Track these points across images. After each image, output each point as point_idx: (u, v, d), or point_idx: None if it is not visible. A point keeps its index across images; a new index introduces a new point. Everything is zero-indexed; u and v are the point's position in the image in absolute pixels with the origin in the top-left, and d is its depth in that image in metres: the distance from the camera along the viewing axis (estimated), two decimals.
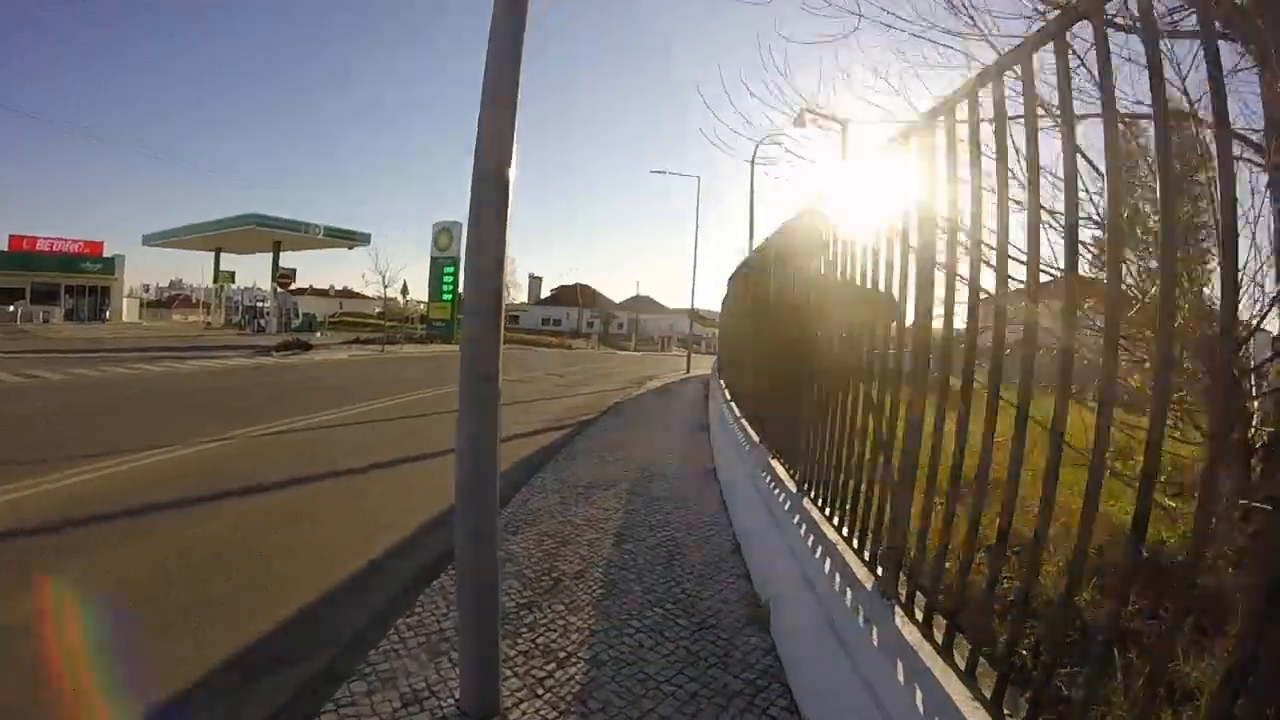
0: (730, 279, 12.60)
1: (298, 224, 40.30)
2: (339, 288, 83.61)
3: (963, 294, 2.30)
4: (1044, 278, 2.37)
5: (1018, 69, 1.98)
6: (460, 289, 44.99)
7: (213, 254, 49.63)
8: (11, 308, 40.37)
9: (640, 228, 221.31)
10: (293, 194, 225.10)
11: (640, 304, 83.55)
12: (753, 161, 31.98)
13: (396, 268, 40.10)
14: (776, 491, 4.79)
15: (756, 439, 6.39)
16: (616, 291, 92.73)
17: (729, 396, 9.66)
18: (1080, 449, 2.30)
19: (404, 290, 36.22)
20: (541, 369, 28.65)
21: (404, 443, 10.07)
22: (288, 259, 45.62)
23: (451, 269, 44.91)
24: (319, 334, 41.85)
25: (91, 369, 17.66)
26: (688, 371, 30.67)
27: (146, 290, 64.43)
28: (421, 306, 51.21)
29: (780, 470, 5.12)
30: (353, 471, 8.27)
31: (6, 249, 43.06)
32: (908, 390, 2.63)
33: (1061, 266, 1.86)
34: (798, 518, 4.06)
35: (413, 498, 7.22)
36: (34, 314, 41.09)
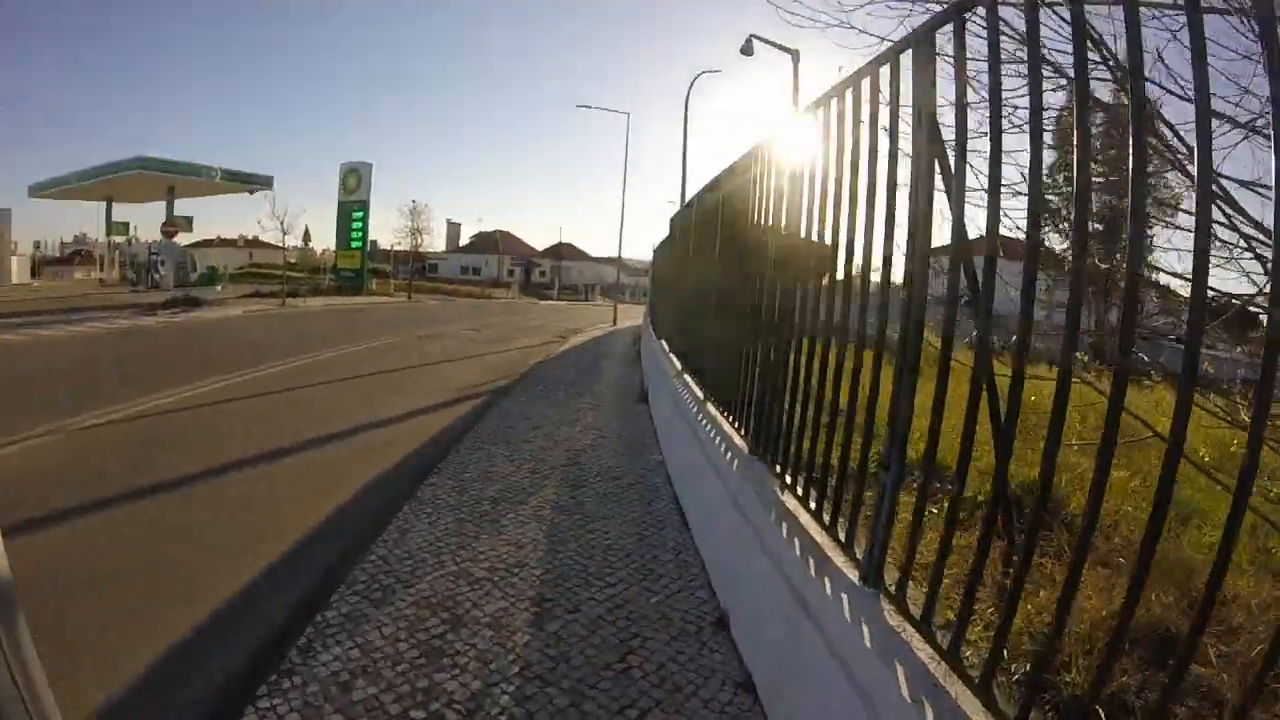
0: (672, 221, 10.52)
1: (191, 166, 35.97)
2: (249, 237, 77.99)
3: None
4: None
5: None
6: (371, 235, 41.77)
7: (104, 205, 44.71)
8: None
9: (565, 172, 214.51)
10: (188, 141, 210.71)
11: (563, 251, 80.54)
12: (687, 98, 29.76)
13: (296, 213, 36.57)
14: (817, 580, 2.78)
15: (741, 443, 4.31)
16: (539, 239, 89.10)
17: (680, 368, 7.57)
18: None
19: (305, 237, 32.91)
20: (456, 322, 26.07)
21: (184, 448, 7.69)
22: (187, 207, 41.33)
23: (360, 213, 41.48)
24: (219, 287, 38.10)
25: None
26: (614, 324, 28.48)
27: (38, 247, 58.05)
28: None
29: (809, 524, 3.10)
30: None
31: None
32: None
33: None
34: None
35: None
36: None
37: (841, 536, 2.80)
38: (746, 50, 19.53)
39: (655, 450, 7.56)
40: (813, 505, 3.11)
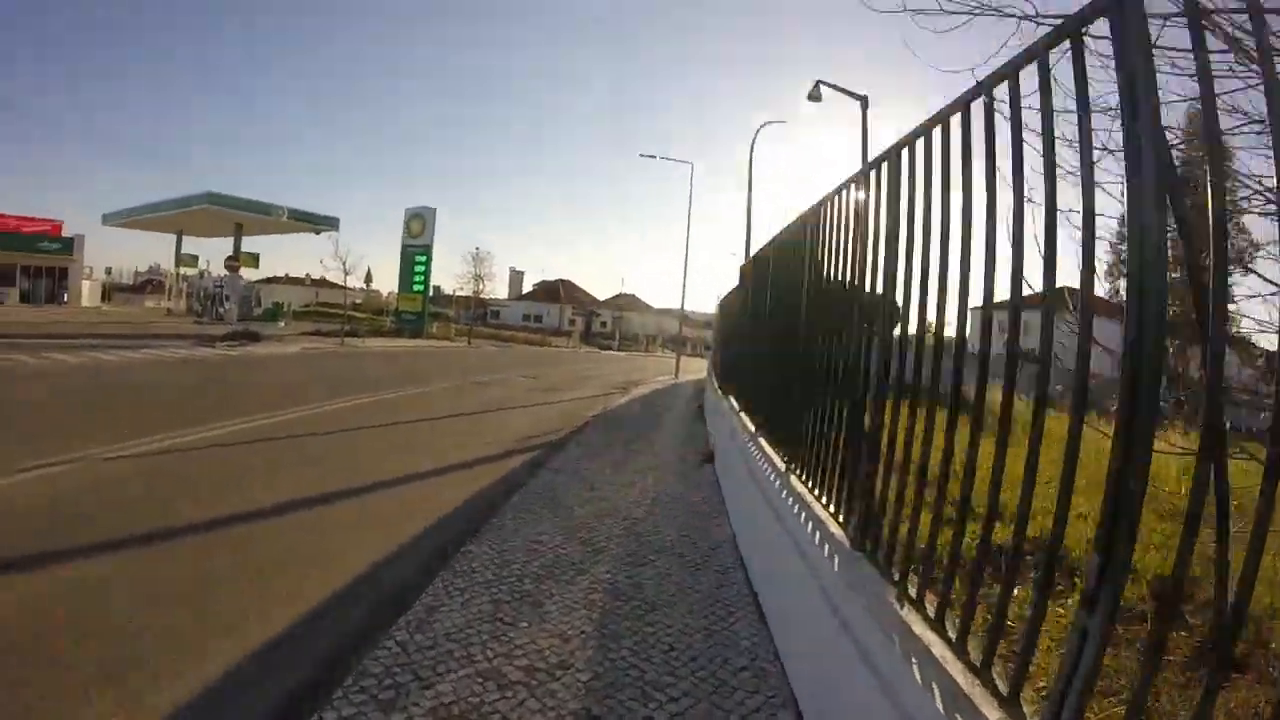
0: (741, 270, 9.85)
1: (259, 205, 37.08)
2: (316, 277, 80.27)
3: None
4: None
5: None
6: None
7: (175, 237, 46.46)
8: None
9: (629, 223, 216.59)
10: (258, 182, 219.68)
11: (625, 302, 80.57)
12: (752, 148, 29.38)
13: (358, 255, 37.06)
14: None
15: (839, 531, 3.48)
16: (601, 289, 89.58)
17: (753, 430, 6.77)
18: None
19: (368, 278, 33.25)
20: (514, 369, 25.71)
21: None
22: (254, 244, 42.70)
23: (423, 257, 42.01)
24: (281, 323, 39.05)
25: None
26: (676, 376, 27.73)
27: (109, 274, 60.53)
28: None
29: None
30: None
31: None
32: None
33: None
34: None
35: None
36: None
37: (1002, 688, 2.01)
38: (814, 96, 18.95)
39: (724, 522, 6.72)
40: (952, 634, 2.31)
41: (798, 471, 4.54)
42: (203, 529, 5.51)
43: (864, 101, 18.16)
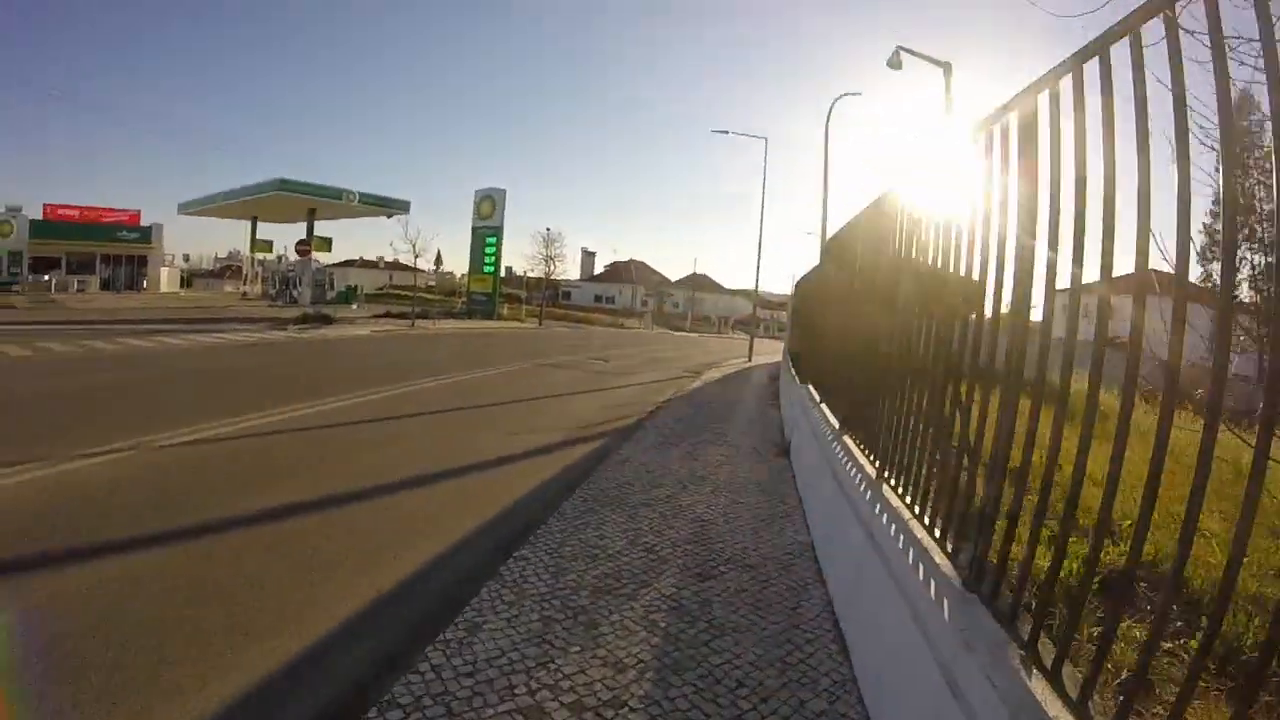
0: (824, 249, 9.17)
1: (329, 190, 37.63)
2: (389, 260, 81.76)
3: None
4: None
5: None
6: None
7: (249, 223, 47.87)
8: (46, 277, 39.69)
9: (701, 202, 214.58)
10: (330, 165, 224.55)
11: (697, 282, 79.70)
12: (827, 121, 28.23)
13: (429, 236, 37.33)
14: None
15: (948, 566, 2.88)
16: (673, 270, 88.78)
17: (837, 427, 6.16)
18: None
19: (438, 260, 33.50)
20: (585, 351, 25.41)
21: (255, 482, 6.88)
22: (327, 229, 43.55)
23: (494, 238, 42.08)
24: (354, 306, 39.84)
25: (72, 343, 15.31)
26: (749, 359, 27.00)
27: (186, 260, 63.03)
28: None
29: None
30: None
31: (41, 218, 41.98)
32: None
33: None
34: None
35: None
36: (69, 283, 40.46)
37: None
38: (894, 64, 17.79)
39: (800, 526, 6.14)
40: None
41: (891, 482, 3.93)
42: (216, 530, 5.24)
43: (947, 68, 16.99)
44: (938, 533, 3.05)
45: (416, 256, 33.82)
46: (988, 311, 2.76)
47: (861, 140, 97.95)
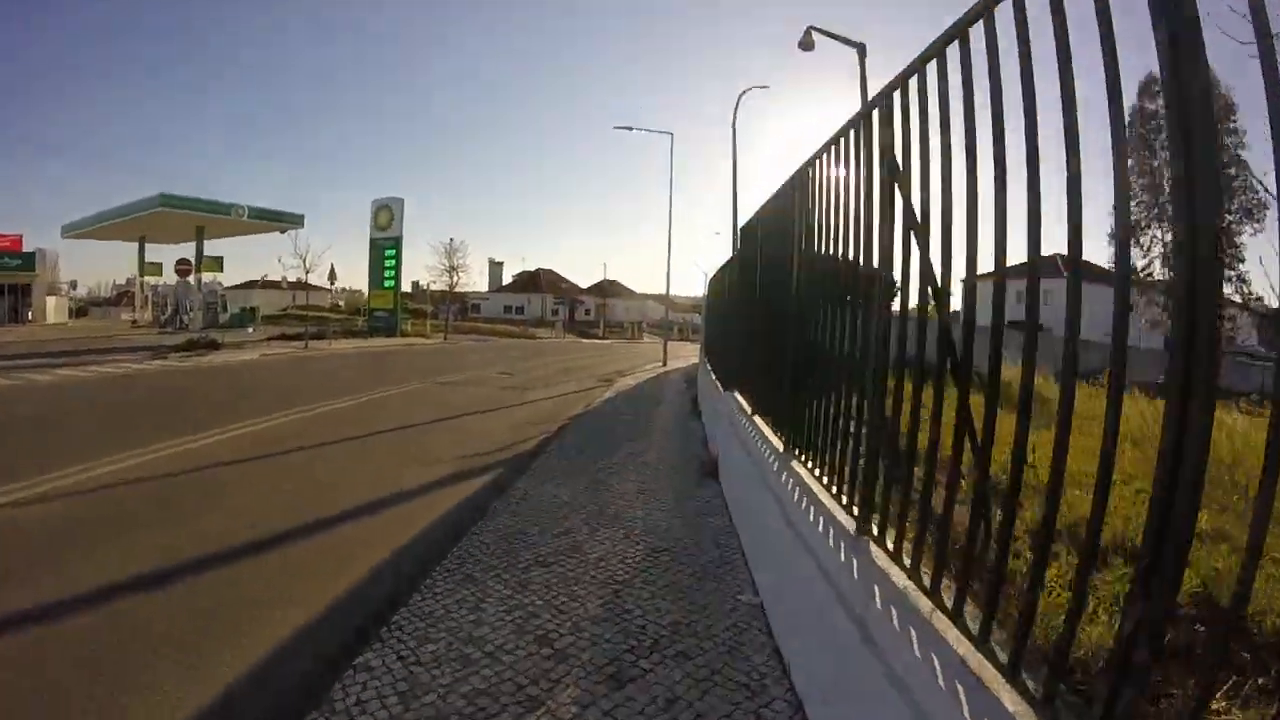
0: (743, 231, 7.97)
1: (216, 204, 34.74)
2: (293, 279, 77.53)
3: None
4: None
5: None
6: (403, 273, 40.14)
7: (137, 245, 44.12)
8: None
9: (608, 206, 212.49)
10: (223, 184, 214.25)
11: (608, 289, 78.52)
12: (734, 116, 27.38)
13: (319, 251, 34.82)
14: None
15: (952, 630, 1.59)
16: (583, 277, 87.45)
17: (782, 446, 4.89)
18: None
19: (331, 275, 31.01)
20: (491, 365, 23.69)
21: None
22: (219, 247, 40.54)
23: (393, 250, 39.83)
24: (250, 329, 37.08)
25: None
26: (664, 364, 25.80)
27: (74, 287, 58.22)
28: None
29: None
30: None
31: None
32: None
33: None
34: None
35: None
36: None
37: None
38: (806, 44, 16.99)
39: (743, 578, 4.84)
40: None
41: (817, 474, 2.63)
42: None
43: (861, 49, 16.22)
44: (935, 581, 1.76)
45: (307, 272, 31.43)
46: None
47: (775, 134, 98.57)
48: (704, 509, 6.44)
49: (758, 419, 5.61)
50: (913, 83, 2.35)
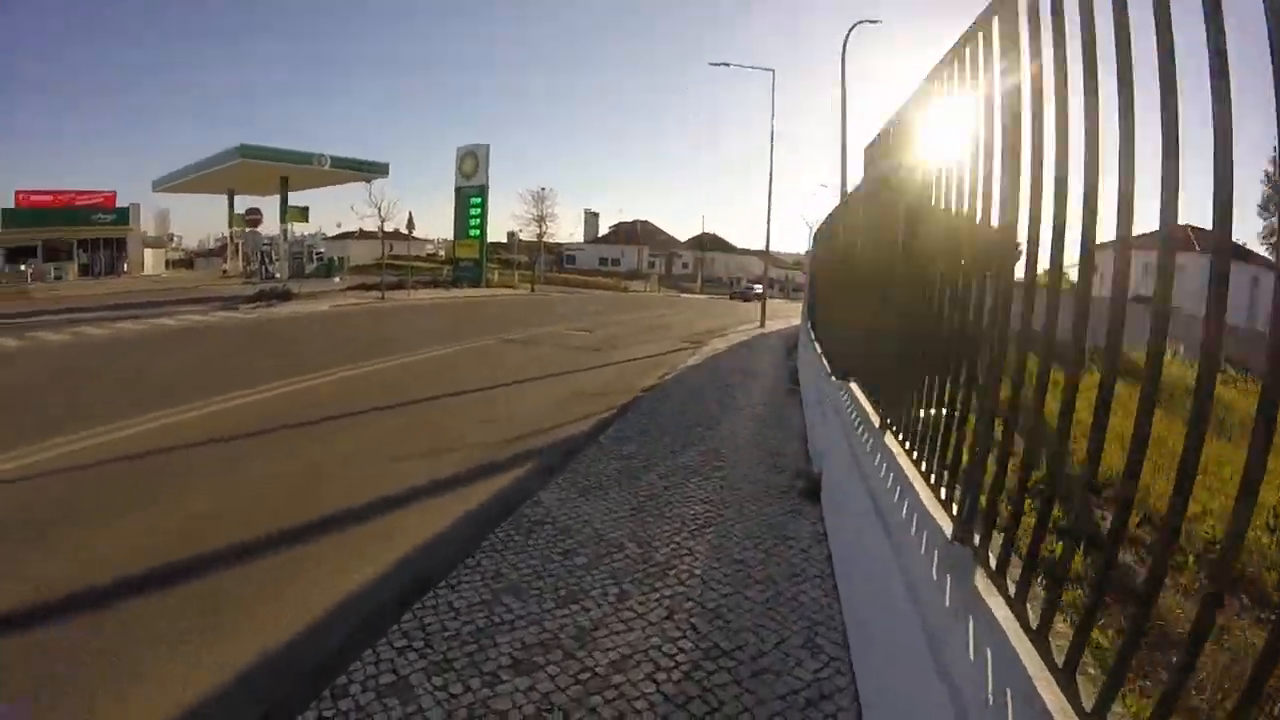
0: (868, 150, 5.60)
1: (296, 154, 33.98)
2: (391, 230, 77.89)
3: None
4: None
5: None
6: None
7: (226, 196, 44.56)
8: (23, 266, 36.77)
9: (709, 159, 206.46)
10: (311, 134, 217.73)
11: (707, 242, 75.68)
12: (844, 52, 24.24)
13: (395, 198, 33.92)
14: None
15: None
16: (681, 229, 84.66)
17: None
18: None
19: (409, 224, 29.83)
20: (571, 320, 21.88)
21: None
22: (307, 198, 40.42)
23: (479, 199, 38.45)
24: (336, 279, 36.87)
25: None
26: (762, 324, 23.36)
27: (175, 240, 60.49)
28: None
29: None
30: None
31: (14, 206, 39.16)
32: None
33: None
34: None
35: None
36: (46, 271, 37.43)
37: None
38: None
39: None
40: None
41: None
42: None
43: None
44: None
45: (383, 221, 30.23)
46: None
47: (889, 79, 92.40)
48: (798, 565, 4.28)
49: (891, 440, 3.43)
50: None
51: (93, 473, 5.67)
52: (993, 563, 1.98)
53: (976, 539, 2.14)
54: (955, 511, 2.32)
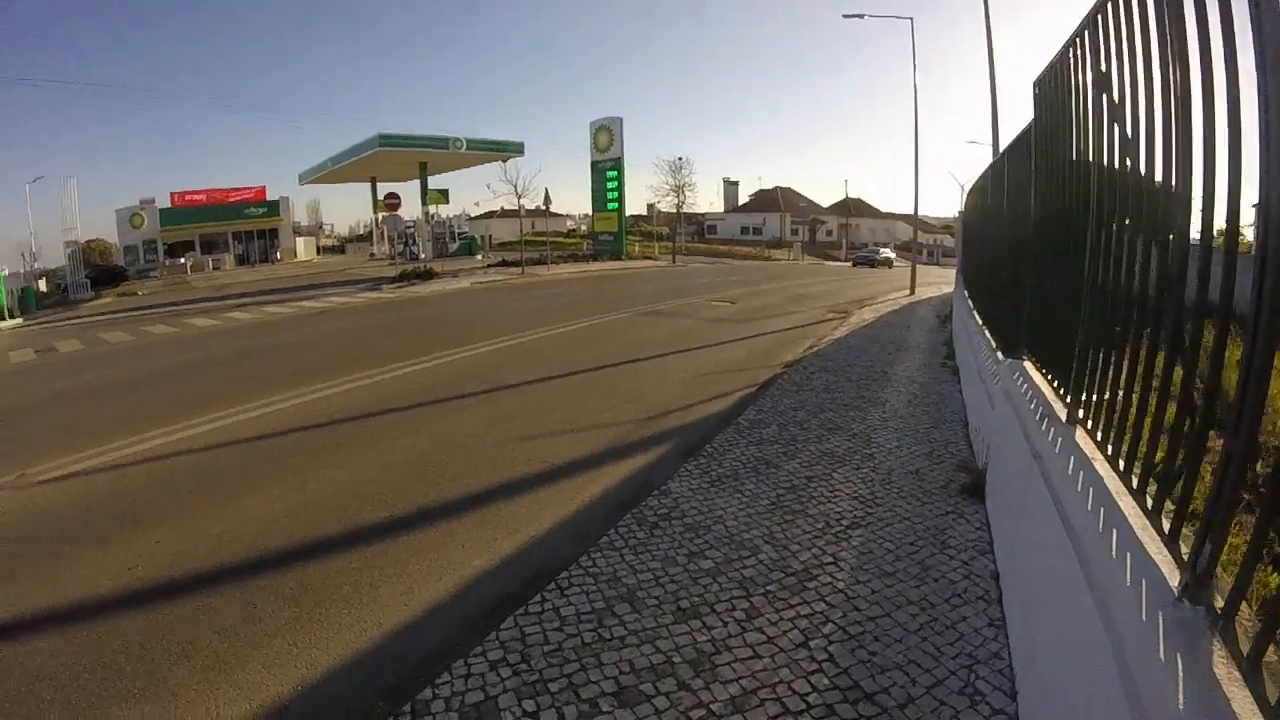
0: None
1: (432, 139, 35.34)
2: (530, 208, 79.48)
3: None
4: None
5: None
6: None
7: (369, 184, 47.09)
8: (182, 259, 41.30)
9: (849, 123, 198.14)
10: (446, 115, 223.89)
11: (851, 208, 72.76)
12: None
13: (530, 174, 34.20)
14: None
15: None
16: (823, 195, 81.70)
17: None
18: None
19: (546, 200, 29.90)
20: (712, 291, 21.36)
21: None
22: (446, 181, 42.06)
23: (615, 172, 38.46)
24: (478, 256, 38.23)
25: (133, 330, 14.87)
26: (912, 292, 21.92)
27: (326, 228, 65.94)
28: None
29: None
30: None
31: (170, 205, 43.72)
32: None
33: None
34: None
35: None
36: (204, 263, 41.77)
37: None
38: None
39: None
40: None
41: None
42: None
43: None
44: None
45: (520, 198, 30.64)
46: None
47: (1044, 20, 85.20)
48: (958, 583, 3.61)
49: (1084, 438, 2.76)
50: None
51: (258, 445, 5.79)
52: (1242, 641, 1.39)
53: (1217, 601, 1.53)
54: (1185, 554, 1.70)
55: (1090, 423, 2.75)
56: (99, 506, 4.95)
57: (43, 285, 31.28)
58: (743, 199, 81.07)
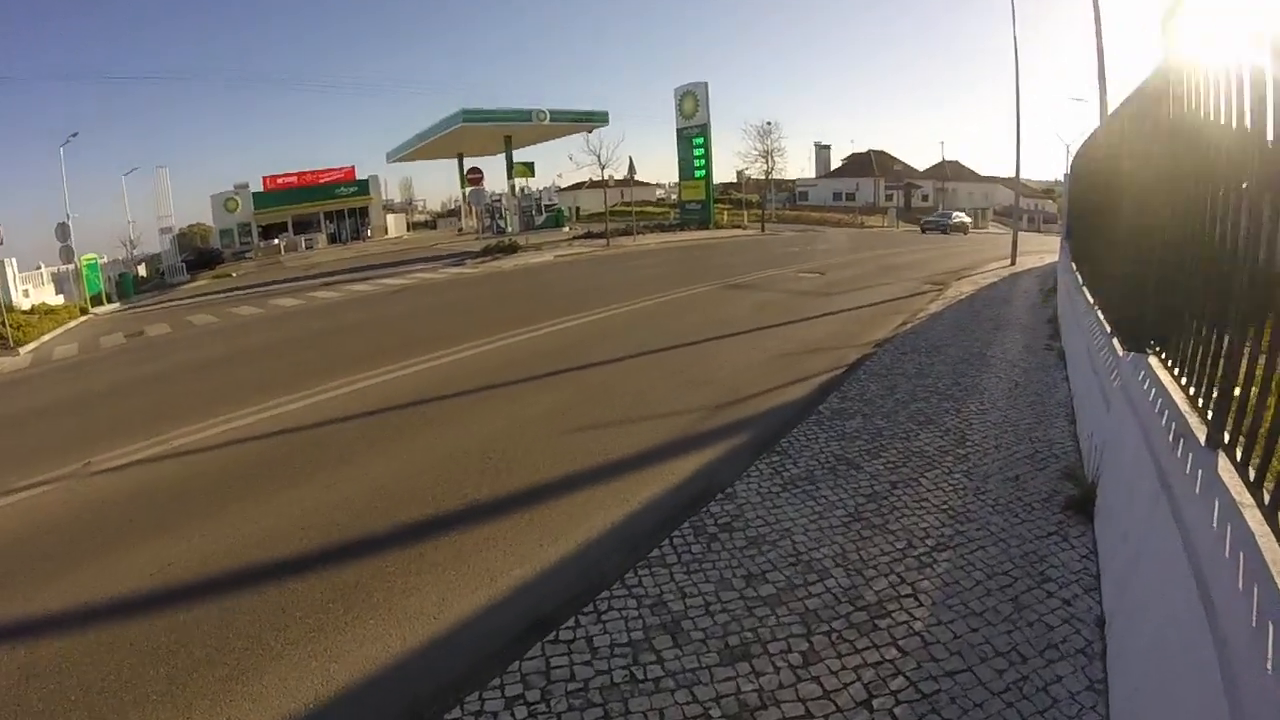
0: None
1: (514, 112, 35.38)
2: (619, 178, 79.02)
3: None
4: None
5: None
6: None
7: (455, 160, 47.61)
8: (275, 240, 43.05)
9: (942, 81, 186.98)
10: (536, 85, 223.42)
11: (948, 171, 69.43)
12: None
13: (613, 144, 33.96)
14: None
15: None
16: (918, 159, 78.11)
17: None
18: None
19: (630, 169, 29.44)
20: (801, 261, 20.56)
21: None
22: (533, 153, 42.35)
23: (701, 139, 37.59)
24: (566, 229, 38.52)
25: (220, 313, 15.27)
26: (1012, 262, 20.49)
27: (415, 205, 68.30)
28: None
29: None
30: None
31: (262, 189, 45.39)
32: None
33: None
34: None
35: None
36: (297, 243, 43.36)
37: None
38: None
39: None
40: None
41: None
42: None
43: None
44: None
45: (603, 168, 30.25)
46: None
47: None
48: (1055, 629, 3.02)
49: (1228, 470, 2.20)
50: None
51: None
52: None
53: None
54: None
55: (1239, 451, 2.19)
56: (150, 499, 4.97)
57: (142, 270, 33.17)
58: (835, 163, 78.47)
